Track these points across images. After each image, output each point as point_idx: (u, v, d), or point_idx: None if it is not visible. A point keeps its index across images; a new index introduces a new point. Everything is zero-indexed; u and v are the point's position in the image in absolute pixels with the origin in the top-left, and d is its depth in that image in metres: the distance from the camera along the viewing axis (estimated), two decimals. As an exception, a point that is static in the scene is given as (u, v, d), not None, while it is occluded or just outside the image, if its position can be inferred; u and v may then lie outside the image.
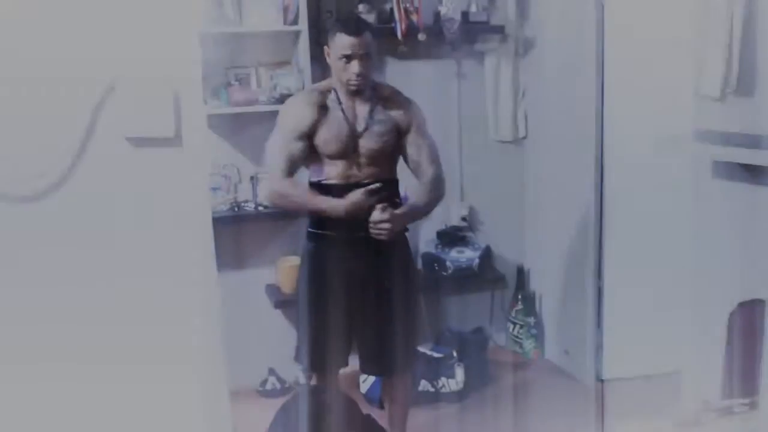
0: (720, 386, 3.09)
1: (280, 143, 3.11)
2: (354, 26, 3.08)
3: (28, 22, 1.90)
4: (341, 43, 3.03)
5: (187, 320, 2.10)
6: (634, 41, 3.89)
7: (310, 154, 3.12)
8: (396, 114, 3.17)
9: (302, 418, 3.20)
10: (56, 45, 1.92)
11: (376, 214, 3.05)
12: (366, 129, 3.12)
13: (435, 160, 3.24)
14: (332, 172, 3.13)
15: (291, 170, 3.11)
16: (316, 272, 3.25)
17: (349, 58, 3.03)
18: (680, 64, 3.45)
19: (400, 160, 3.25)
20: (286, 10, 4.00)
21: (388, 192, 3.17)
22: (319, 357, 3.29)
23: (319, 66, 3.85)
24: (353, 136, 3.10)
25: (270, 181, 3.19)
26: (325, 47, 3.13)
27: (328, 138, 3.09)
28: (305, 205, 3.16)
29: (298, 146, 3.09)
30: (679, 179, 3.57)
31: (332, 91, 3.14)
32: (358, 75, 3.04)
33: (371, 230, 3.06)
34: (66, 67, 1.93)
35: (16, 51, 1.90)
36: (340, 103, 3.12)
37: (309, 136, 3.09)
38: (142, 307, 2.07)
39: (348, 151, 3.11)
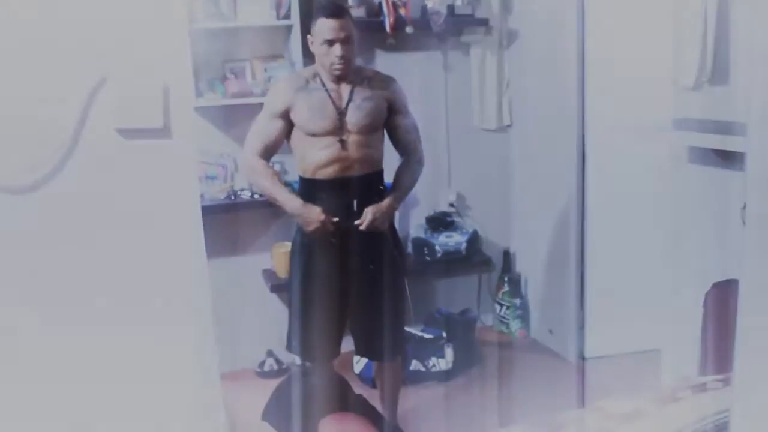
0: (697, 363, 3.13)
1: (261, 122, 3.19)
2: (334, 10, 3.11)
3: (19, 15, 1.89)
4: (323, 27, 3.07)
5: (177, 310, 2.09)
6: (614, 33, 3.93)
7: (299, 141, 3.18)
8: (382, 92, 3.21)
9: (296, 399, 3.28)
10: (47, 37, 1.91)
11: (368, 217, 3.16)
12: (349, 105, 3.13)
13: (419, 139, 3.35)
14: (323, 156, 3.14)
15: (265, 148, 3.18)
16: (304, 262, 3.27)
17: (331, 42, 3.06)
18: (658, 54, 3.48)
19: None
20: (278, 5, 4.05)
21: (374, 186, 3.24)
22: (310, 347, 3.32)
23: (310, 59, 3.82)
24: (339, 112, 3.13)
25: (245, 154, 3.23)
26: (309, 36, 3.15)
27: (311, 115, 3.12)
28: (268, 189, 3.21)
29: (276, 125, 3.16)
30: (657, 165, 3.61)
31: (317, 77, 3.16)
32: (340, 58, 3.07)
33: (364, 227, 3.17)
34: (57, 59, 1.92)
35: (6, 42, 1.89)
36: (324, 86, 3.15)
37: (288, 117, 3.14)
38: (132, 296, 2.06)
39: (335, 127, 3.13)
